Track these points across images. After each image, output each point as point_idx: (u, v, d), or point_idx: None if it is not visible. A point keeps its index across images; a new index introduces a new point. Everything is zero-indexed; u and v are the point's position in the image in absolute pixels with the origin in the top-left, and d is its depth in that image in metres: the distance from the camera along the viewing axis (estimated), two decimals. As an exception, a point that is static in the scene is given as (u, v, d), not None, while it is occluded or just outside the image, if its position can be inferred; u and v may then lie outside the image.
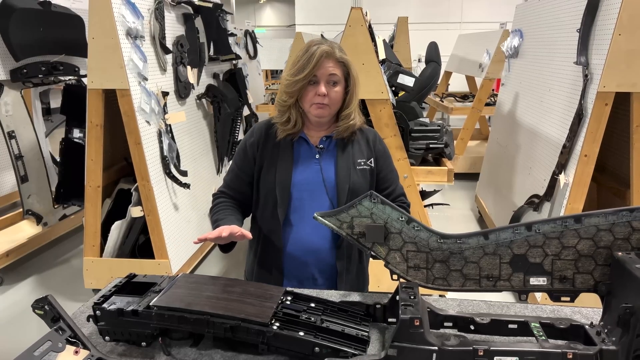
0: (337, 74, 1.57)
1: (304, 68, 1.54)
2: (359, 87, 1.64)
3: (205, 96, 3.84)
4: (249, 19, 15.68)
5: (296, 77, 1.56)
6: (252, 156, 1.66)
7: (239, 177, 1.69)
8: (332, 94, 1.57)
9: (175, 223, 3.23)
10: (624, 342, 1.01)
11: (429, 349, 1.04)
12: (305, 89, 1.58)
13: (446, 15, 12.27)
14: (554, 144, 2.99)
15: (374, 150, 1.70)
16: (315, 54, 1.53)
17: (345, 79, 1.61)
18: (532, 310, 1.41)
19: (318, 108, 1.58)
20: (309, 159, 1.65)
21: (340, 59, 1.58)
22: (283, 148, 1.64)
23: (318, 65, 1.54)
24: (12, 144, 3.60)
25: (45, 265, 3.79)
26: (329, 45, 1.58)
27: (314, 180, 1.63)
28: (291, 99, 1.60)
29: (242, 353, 1.20)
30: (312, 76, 1.55)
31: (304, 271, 1.64)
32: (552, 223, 1.12)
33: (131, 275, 1.37)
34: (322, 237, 1.63)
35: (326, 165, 1.64)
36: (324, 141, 1.66)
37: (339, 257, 1.65)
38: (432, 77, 3.27)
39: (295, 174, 1.62)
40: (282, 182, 1.61)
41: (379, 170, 1.70)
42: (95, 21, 2.74)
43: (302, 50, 1.59)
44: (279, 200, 1.61)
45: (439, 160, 3.19)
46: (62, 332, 1.07)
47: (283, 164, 1.62)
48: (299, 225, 1.63)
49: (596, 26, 2.67)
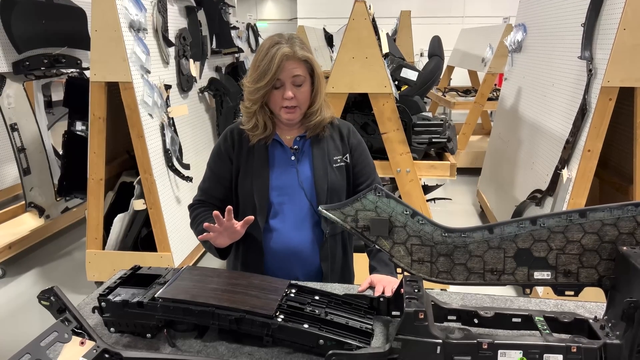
0: (300, 74, 1.50)
1: (265, 74, 1.47)
2: (324, 82, 1.59)
3: (207, 89, 3.83)
4: (251, 12, 15.60)
5: (258, 84, 1.49)
6: (228, 161, 1.61)
7: (217, 184, 1.64)
8: (299, 95, 1.51)
9: (177, 216, 3.23)
10: (628, 336, 1.02)
11: (434, 341, 1.05)
12: (271, 93, 1.52)
13: (449, 9, 12.20)
14: (557, 139, 2.99)
15: (348, 145, 1.65)
16: (276, 57, 1.45)
17: (311, 75, 1.54)
18: (536, 304, 1.41)
19: (288, 112, 1.53)
20: (285, 161, 1.60)
21: (303, 58, 1.50)
22: (257, 153, 1.59)
23: (280, 69, 1.46)
24: (14, 137, 3.60)
25: (48, 258, 3.80)
26: (288, 45, 1.48)
27: (292, 183, 1.59)
28: (255, 105, 1.54)
29: (247, 345, 1.21)
30: (276, 80, 1.49)
31: (288, 274, 1.58)
32: (557, 217, 1.12)
33: (136, 267, 1.38)
34: (304, 240, 1.60)
35: (303, 167, 1.60)
36: (298, 141, 1.62)
37: (323, 258, 1.63)
38: (434, 71, 3.26)
39: (272, 179, 1.58)
40: (260, 188, 1.57)
41: (354, 164, 1.65)
42: (98, 13, 2.74)
43: (261, 51, 1.50)
44: (257, 207, 1.57)
45: (441, 154, 3.18)
46: (68, 323, 1.07)
47: (259, 170, 1.58)
48: (280, 230, 1.59)
49: (601, 21, 2.66)
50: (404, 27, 6.90)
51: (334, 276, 1.65)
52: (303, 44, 1.54)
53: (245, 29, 5.53)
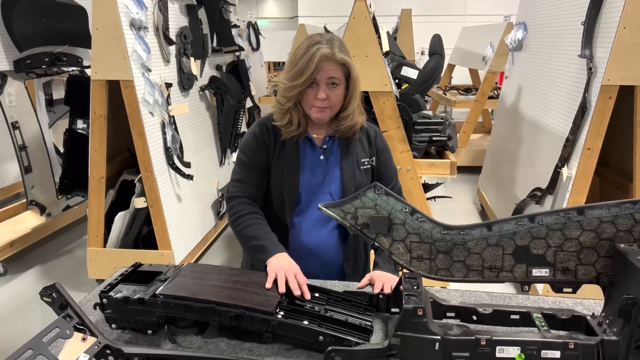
0: (337, 76, 1.51)
1: (303, 72, 1.47)
2: (359, 87, 1.58)
3: (208, 88, 3.84)
4: (252, 10, 15.60)
5: (294, 82, 1.49)
6: (266, 149, 1.61)
7: (254, 172, 1.62)
8: (333, 96, 1.52)
9: (178, 214, 3.24)
10: (625, 332, 1.02)
11: (432, 338, 1.06)
12: (305, 91, 1.52)
13: (450, 7, 12.20)
14: (557, 137, 2.99)
15: (375, 148, 1.67)
16: (315, 57, 1.46)
17: (347, 79, 1.54)
18: (534, 301, 1.42)
19: (318, 112, 1.54)
20: (314, 160, 1.62)
21: (341, 61, 1.50)
22: (289, 149, 1.60)
23: (318, 69, 1.47)
24: (15, 135, 3.61)
25: (49, 256, 3.81)
26: (328, 46, 1.49)
27: (319, 182, 1.61)
28: (289, 102, 1.54)
29: (247, 341, 1.22)
30: (312, 80, 1.50)
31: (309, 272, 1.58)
32: (555, 215, 1.12)
33: (137, 264, 1.39)
34: (329, 239, 1.62)
35: (331, 167, 1.62)
36: (327, 141, 1.63)
37: (346, 258, 1.64)
38: (435, 69, 3.26)
39: (302, 177, 1.60)
40: (290, 185, 1.58)
41: (378, 167, 1.68)
42: (99, 12, 2.74)
43: (300, 49, 1.51)
44: (287, 204, 1.59)
45: (441, 153, 3.19)
46: (70, 320, 1.08)
47: (290, 167, 1.59)
48: (305, 227, 1.61)
49: (601, 19, 2.66)
50: (405, 26, 6.90)
51: (355, 277, 1.67)
52: (343, 46, 1.54)
53: (246, 27, 5.53)
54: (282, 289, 1.29)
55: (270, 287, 1.30)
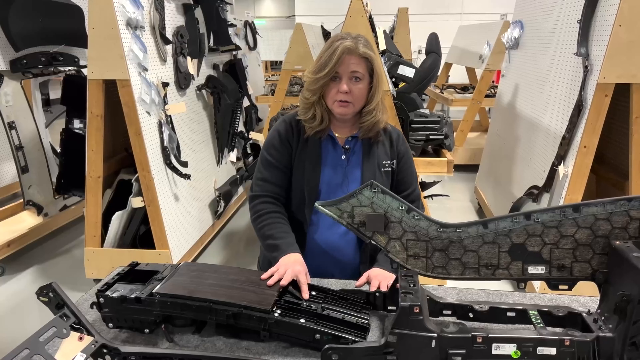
0: (359, 70, 1.52)
1: (326, 65, 1.50)
2: (383, 83, 1.60)
3: (205, 87, 3.83)
4: (249, 9, 15.59)
5: (317, 74, 1.52)
6: (289, 146, 1.62)
7: (278, 170, 1.63)
8: (355, 90, 1.53)
9: (175, 213, 3.24)
10: (621, 329, 1.03)
11: (429, 335, 1.06)
12: (328, 85, 1.54)
13: (447, 6, 12.20)
14: (553, 135, 3.00)
15: (396, 151, 1.68)
16: (337, 50, 1.49)
17: (370, 75, 1.55)
18: (530, 298, 1.43)
19: (341, 106, 1.55)
20: (336, 159, 1.63)
21: (364, 55, 1.52)
22: (311, 146, 1.61)
23: (340, 62, 1.50)
24: (12, 135, 3.60)
25: (46, 256, 3.81)
26: (352, 41, 1.52)
27: (340, 182, 1.62)
28: (314, 96, 1.56)
29: (244, 340, 1.22)
30: (334, 73, 1.51)
31: (324, 271, 1.61)
32: (551, 212, 1.13)
33: (134, 263, 1.39)
34: (346, 240, 1.62)
35: (352, 168, 1.63)
36: (349, 141, 1.64)
37: (363, 260, 1.65)
38: (432, 68, 3.26)
39: (323, 175, 1.60)
40: (311, 182, 1.59)
41: (398, 171, 1.68)
42: (95, 11, 2.74)
43: (325, 45, 1.55)
44: (307, 201, 1.60)
45: (438, 151, 3.19)
46: (67, 319, 1.08)
47: (312, 164, 1.60)
48: (324, 226, 1.62)
49: (596, 17, 2.66)
50: (402, 24, 6.90)
51: None
52: (368, 43, 1.55)
53: (243, 26, 5.52)
54: (272, 282, 1.31)
55: (265, 279, 1.32)
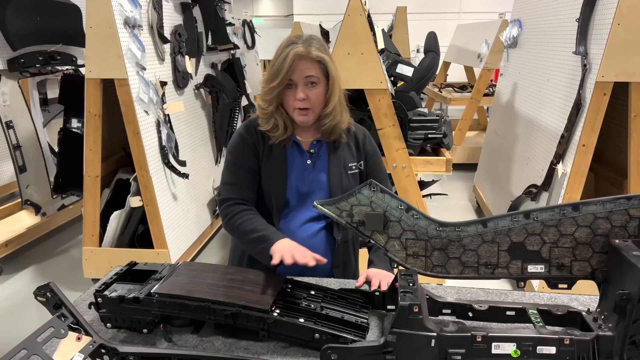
0: (314, 74, 1.47)
1: (278, 73, 1.46)
2: (339, 84, 1.55)
3: (203, 86, 3.83)
4: (247, 8, 15.56)
5: (271, 84, 1.47)
6: (255, 150, 1.58)
7: (246, 173, 1.58)
8: (312, 96, 1.49)
9: (174, 213, 3.23)
10: (620, 328, 1.03)
11: (428, 334, 1.06)
12: (285, 93, 1.50)
13: (445, 5, 12.21)
14: (552, 134, 3.00)
15: (363, 151, 1.65)
16: (289, 57, 1.44)
17: (326, 77, 1.51)
18: (529, 297, 1.43)
19: (301, 114, 1.51)
20: (302, 165, 1.60)
21: (317, 58, 1.47)
22: (276, 154, 1.57)
23: (292, 69, 1.45)
24: (10, 134, 3.59)
25: (45, 255, 3.80)
26: (304, 45, 1.46)
27: (306, 187, 1.59)
28: (270, 106, 1.52)
29: (243, 339, 1.21)
30: (289, 80, 1.47)
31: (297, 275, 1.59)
32: (550, 211, 1.13)
33: (132, 263, 1.38)
34: (317, 245, 1.58)
35: (318, 172, 1.60)
36: (314, 145, 1.61)
37: (335, 264, 1.63)
38: (430, 67, 3.26)
39: (290, 182, 1.57)
40: (277, 189, 1.56)
41: (367, 171, 1.65)
42: (93, 10, 2.73)
43: (277, 51, 1.49)
44: (274, 208, 1.57)
45: (437, 150, 3.19)
46: (65, 319, 1.07)
47: (278, 171, 1.57)
48: (293, 232, 1.58)
49: (595, 16, 2.66)
50: (400, 23, 6.89)
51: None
52: (321, 44, 1.50)
53: (241, 25, 5.51)
54: (289, 260, 1.32)
55: (265, 279, 1.31)
